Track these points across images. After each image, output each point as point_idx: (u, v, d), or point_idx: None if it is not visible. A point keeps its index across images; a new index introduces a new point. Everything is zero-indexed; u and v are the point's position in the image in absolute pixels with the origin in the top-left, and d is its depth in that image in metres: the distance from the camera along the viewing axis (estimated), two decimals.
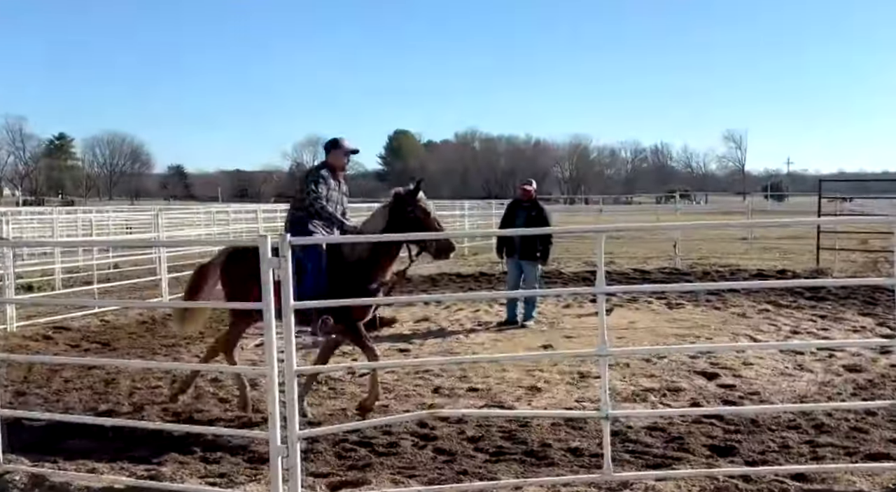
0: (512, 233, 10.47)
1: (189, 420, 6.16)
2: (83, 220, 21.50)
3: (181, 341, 9.51)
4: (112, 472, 4.74)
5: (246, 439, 5.43)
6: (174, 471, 4.66)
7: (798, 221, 17.64)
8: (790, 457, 4.95)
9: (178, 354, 8.86)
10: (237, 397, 6.53)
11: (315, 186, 6.50)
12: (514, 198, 11.38)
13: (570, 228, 9.23)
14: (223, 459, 5.23)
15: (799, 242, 19.87)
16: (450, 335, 9.79)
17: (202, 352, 8.93)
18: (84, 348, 9.18)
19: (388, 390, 7.03)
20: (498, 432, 5.70)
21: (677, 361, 7.77)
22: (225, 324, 8.18)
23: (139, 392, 7.04)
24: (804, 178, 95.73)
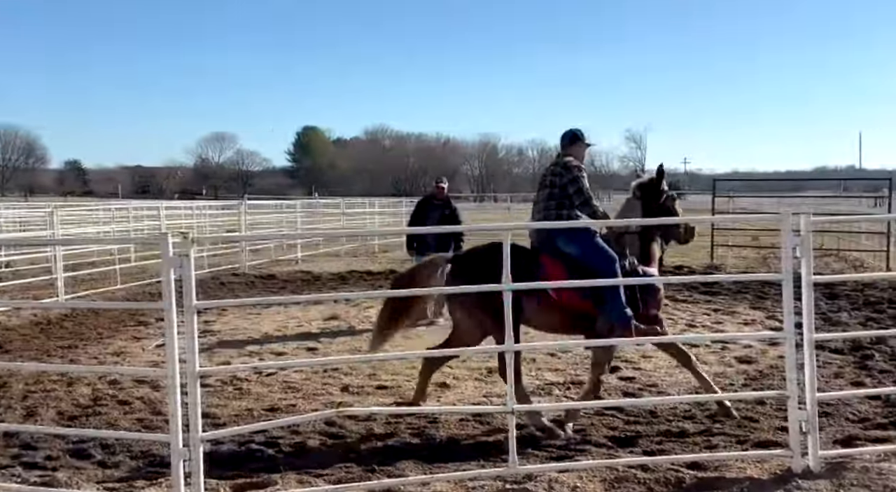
0: (428, 231, 10.41)
1: (87, 424, 5.93)
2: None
3: (77, 343, 9.15)
4: (2, 479, 4.53)
5: (146, 443, 5.28)
6: (69, 476, 4.50)
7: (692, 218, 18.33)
8: (686, 446, 5.16)
9: (75, 356, 8.51)
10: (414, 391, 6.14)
11: (587, 183, 6.19)
12: (425, 195, 11.36)
13: (478, 227, 9.30)
14: (122, 463, 5.07)
15: (695, 239, 20.68)
16: (360, 334, 9.76)
17: (101, 353, 8.64)
18: None
19: (296, 389, 6.96)
20: (407, 429, 5.73)
21: (581, 355, 7.98)
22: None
23: (33, 396, 6.73)
24: (699, 177, 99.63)
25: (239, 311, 11.14)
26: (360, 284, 15.05)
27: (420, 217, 10.66)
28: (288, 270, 17.10)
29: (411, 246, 10.82)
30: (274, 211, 26.39)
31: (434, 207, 10.69)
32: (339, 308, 11.38)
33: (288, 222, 24.04)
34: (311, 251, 20.75)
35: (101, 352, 8.72)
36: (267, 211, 26.00)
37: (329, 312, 11.11)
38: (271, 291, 14.13)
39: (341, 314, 10.94)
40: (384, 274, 16.07)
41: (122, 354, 8.59)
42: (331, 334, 9.70)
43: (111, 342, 9.22)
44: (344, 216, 22.85)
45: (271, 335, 9.63)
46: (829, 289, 11.86)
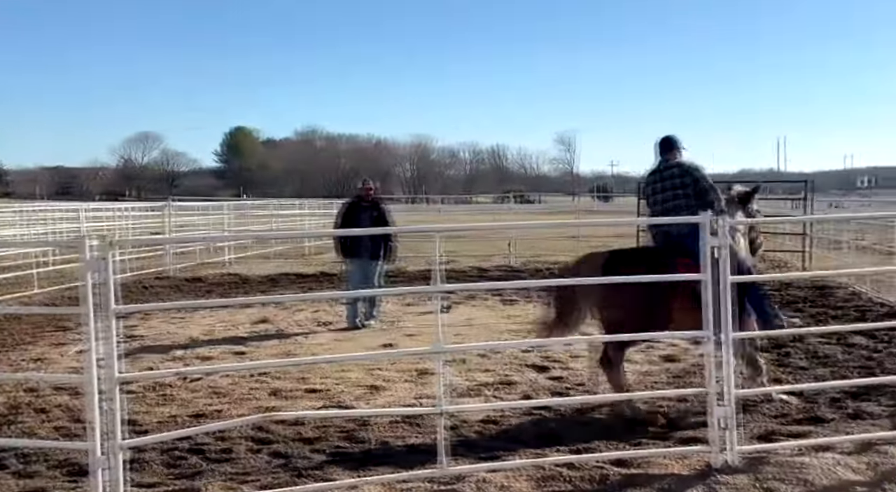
0: (361, 232, 10.31)
1: (3, 433, 5.70)
2: None
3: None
4: None
5: (64, 452, 5.10)
6: None
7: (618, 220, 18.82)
8: (612, 444, 5.26)
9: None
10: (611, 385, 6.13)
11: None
12: (352, 197, 11.13)
13: (409, 228, 9.31)
14: (40, 473, 4.89)
15: (623, 240, 21.12)
16: (289, 337, 9.64)
17: (19, 359, 8.31)
18: None
19: (223, 394, 6.83)
20: (336, 432, 5.69)
21: (511, 356, 8.05)
22: None
23: None
24: (627, 179, 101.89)
25: (164, 315, 10.87)
26: (291, 286, 14.86)
27: (350, 220, 10.40)
28: (216, 272, 16.77)
29: (343, 249, 10.59)
30: (201, 213, 25.85)
31: (363, 208, 10.55)
32: (269, 311, 11.21)
33: (216, 224, 23.57)
34: (241, 253, 20.40)
35: (20, 359, 8.40)
36: (194, 213, 25.46)
37: (258, 315, 10.94)
38: (198, 295, 13.84)
39: (271, 317, 10.78)
40: (316, 276, 15.92)
41: (42, 361, 8.29)
42: (260, 338, 9.56)
43: (30, 348, 8.89)
44: (274, 218, 22.53)
45: (198, 340, 9.43)
46: None
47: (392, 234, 10.52)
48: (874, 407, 5.79)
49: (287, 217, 26.61)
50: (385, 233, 10.24)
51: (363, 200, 10.64)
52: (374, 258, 10.37)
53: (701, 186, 6.46)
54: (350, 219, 10.42)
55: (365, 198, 10.65)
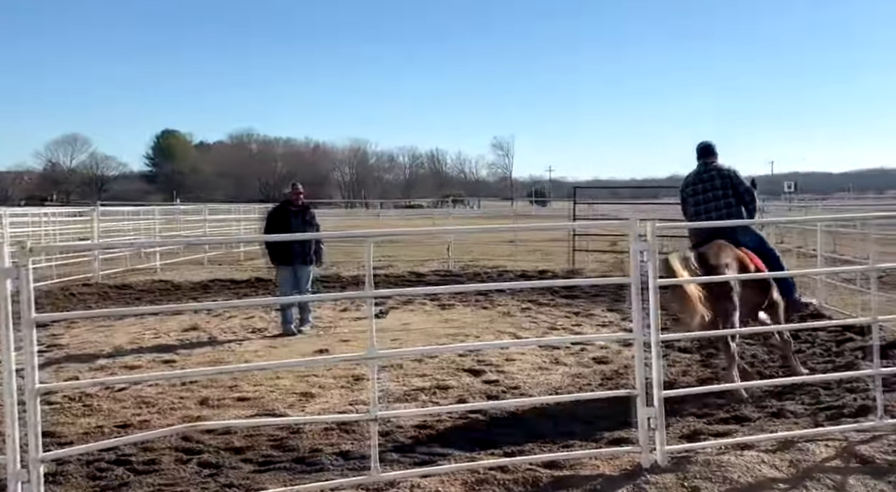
0: (291, 238, 10.19)
1: None
2: None
3: None
4: None
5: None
6: None
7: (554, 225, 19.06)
8: (544, 446, 5.30)
9: None
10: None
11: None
12: (280, 202, 10.95)
13: (341, 233, 9.26)
14: None
15: (559, 244, 21.41)
16: (221, 344, 9.46)
17: None
18: None
19: (150, 404, 6.67)
20: (267, 440, 5.60)
21: (447, 361, 8.07)
22: None
23: None
24: (563, 184, 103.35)
25: (90, 323, 10.55)
26: (224, 293, 14.60)
27: (281, 225, 10.24)
28: (145, 279, 16.35)
29: (274, 255, 10.39)
30: (131, 218, 25.22)
31: (292, 213, 10.43)
32: (200, 318, 10.99)
33: (146, 230, 23.01)
34: (172, 260, 19.95)
35: None
36: (123, 218, 24.82)
37: (189, 322, 10.71)
38: (126, 302, 13.48)
39: (202, 325, 10.58)
40: (249, 282, 15.67)
41: None
42: (190, 346, 9.36)
43: None
44: (207, 223, 22.07)
45: (124, 348, 9.19)
46: None
47: (320, 239, 10.44)
48: (796, 406, 5.97)
49: (220, 222, 26.14)
50: (314, 238, 10.18)
51: (292, 204, 10.53)
52: (304, 264, 10.28)
53: (740, 190, 7.22)
54: (279, 224, 10.29)
55: (294, 202, 10.54)
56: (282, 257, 10.26)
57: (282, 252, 10.22)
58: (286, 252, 10.17)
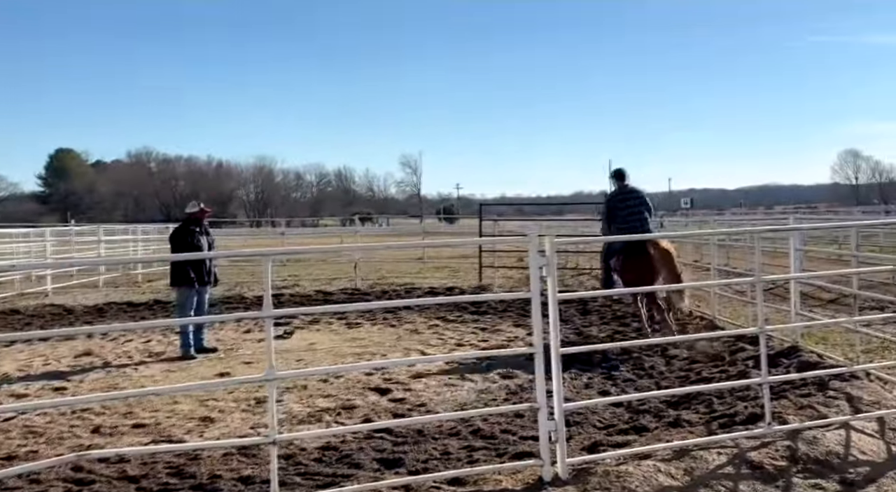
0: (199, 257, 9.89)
1: None
2: None
3: None
4: None
5: None
6: None
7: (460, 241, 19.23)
8: (450, 463, 5.30)
9: None
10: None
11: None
12: (183, 221, 10.37)
13: (237, 252, 9.06)
14: None
15: (467, 261, 21.57)
16: (116, 369, 9.08)
17: None
18: None
19: (39, 433, 6.33)
20: (164, 468, 5.39)
21: (353, 380, 7.98)
22: None
23: None
24: (471, 201, 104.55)
25: None
26: (120, 316, 14.03)
27: (190, 244, 9.88)
28: (35, 303, 15.56)
29: (179, 277, 9.98)
30: (21, 240, 24.02)
31: (201, 232, 10.17)
32: (94, 343, 10.53)
33: (37, 252, 21.92)
34: (64, 283, 19.07)
35: None
36: (13, 240, 23.62)
37: (82, 347, 10.24)
38: (15, 328, 12.76)
39: (95, 350, 10.13)
40: (147, 305, 15.12)
41: None
42: (83, 372, 8.94)
43: None
44: (102, 244, 21.21)
45: (11, 376, 8.69)
46: (582, 305, 12.83)
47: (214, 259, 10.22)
48: (692, 415, 6.17)
49: (117, 243, 25.18)
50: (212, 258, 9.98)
51: (198, 223, 10.22)
52: (205, 284, 10.02)
53: (648, 205, 10.06)
54: (190, 244, 9.92)
55: (200, 221, 10.25)
56: (187, 279, 9.90)
57: (187, 273, 9.88)
58: (195, 273, 9.86)
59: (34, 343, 10.51)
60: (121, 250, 24.97)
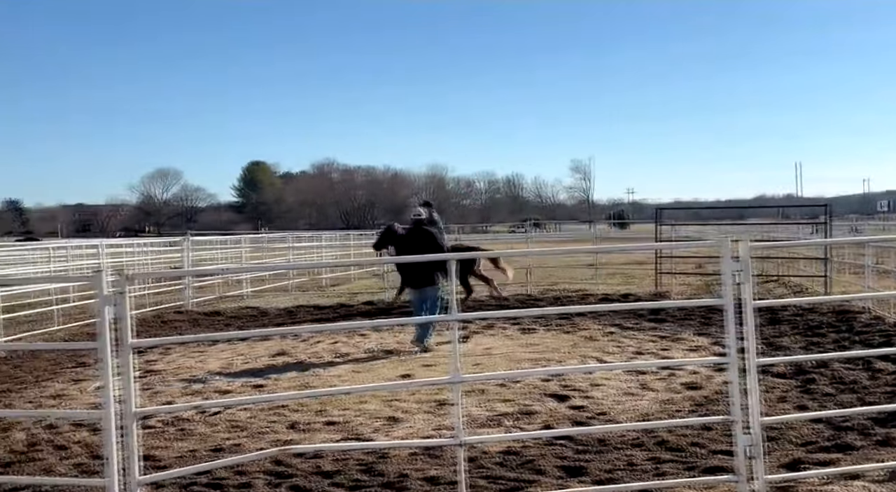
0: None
1: (21, 471, 5.68)
2: None
3: (13, 387, 8.82)
4: None
5: (82, 489, 5.08)
6: None
7: (638, 245, 18.73)
8: (635, 474, 5.16)
9: (10, 401, 8.19)
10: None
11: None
12: (414, 223, 11.22)
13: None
14: None
15: (641, 267, 21.01)
16: (307, 369, 9.61)
17: (38, 396, 8.33)
18: None
19: (241, 427, 6.80)
20: (356, 465, 5.63)
21: (531, 385, 7.98)
22: None
23: None
24: (643, 206, 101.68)
25: (183, 349, 10.89)
26: (309, 318, 14.85)
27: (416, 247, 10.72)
28: (234, 306, 16.80)
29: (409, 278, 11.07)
30: (220, 247, 26.03)
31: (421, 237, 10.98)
32: (287, 344, 11.20)
33: (234, 258, 23.71)
34: (259, 287, 20.47)
35: (39, 395, 8.41)
36: (213, 247, 25.62)
37: (277, 347, 10.92)
38: (217, 328, 13.84)
39: (289, 350, 10.77)
40: (333, 308, 15.91)
41: (61, 397, 8.29)
42: (278, 370, 9.53)
43: (49, 385, 8.90)
44: (292, 250, 22.61)
45: (217, 373, 9.41)
46: (771, 314, 12.10)
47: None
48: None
49: (304, 249, 26.71)
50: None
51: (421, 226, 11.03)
52: (425, 285, 10.71)
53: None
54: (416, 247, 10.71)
55: (422, 226, 11.04)
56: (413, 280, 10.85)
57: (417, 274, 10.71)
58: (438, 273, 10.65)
59: (234, 343, 11.34)
60: (307, 256, 26.46)
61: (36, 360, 10.31)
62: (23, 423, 6.93)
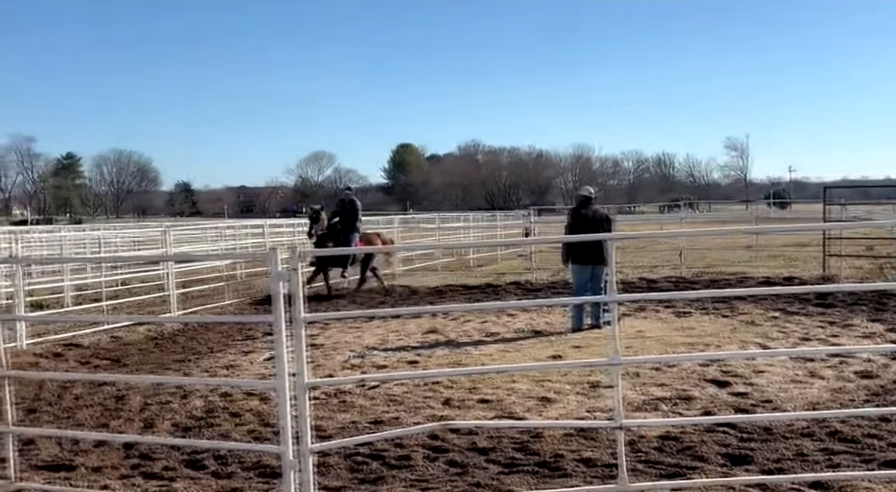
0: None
1: (201, 435, 6.13)
2: (91, 237, 21.58)
3: (190, 357, 9.51)
4: (124, 488, 4.73)
5: (257, 454, 5.42)
6: (186, 486, 4.65)
7: (806, 225, 17.65)
8: (806, 465, 4.91)
9: (188, 370, 8.86)
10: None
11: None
12: (579, 203, 11.20)
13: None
14: (235, 474, 5.21)
15: (804, 250, 19.83)
16: (458, 347, 9.77)
17: (212, 366, 8.96)
18: (94, 365, 9.17)
19: (398, 402, 7.01)
20: (510, 443, 5.67)
21: (688, 370, 7.73)
22: None
23: (150, 408, 7.03)
24: (806, 185, 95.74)
25: (340, 324, 11.35)
26: (457, 297, 15.08)
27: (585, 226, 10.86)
28: (387, 284, 17.31)
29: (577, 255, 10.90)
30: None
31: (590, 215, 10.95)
32: (438, 322, 11.43)
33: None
34: (408, 266, 20.99)
35: (213, 365, 9.03)
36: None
37: (428, 325, 11.17)
38: (370, 305, 14.33)
39: (440, 328, 10.98)
40: (480, 288, 16.06)
41: (232, 368, 8.87)
42: (430, 347, 9.75)
43: (222, 356, 9.54)
44: (439, 231, 23.03)
45: (373, 348, 9.75)
46: None
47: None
48: None
49: (451, 230, 27.12)
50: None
51: (587, 206, 10.99)
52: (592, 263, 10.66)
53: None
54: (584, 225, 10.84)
55: (590, 204, 11.04)
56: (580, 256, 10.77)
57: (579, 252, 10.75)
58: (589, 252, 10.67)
59: (387, 320, 11.71)
60: (453, 237, 26.86)
61: (209, 332, 11.07)
62: (200, 390, 7.47)
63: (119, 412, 6.92)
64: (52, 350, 9.79)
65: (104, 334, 10.88)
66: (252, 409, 6.89)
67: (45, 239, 22.41)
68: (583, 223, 10.69)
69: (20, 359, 9.21)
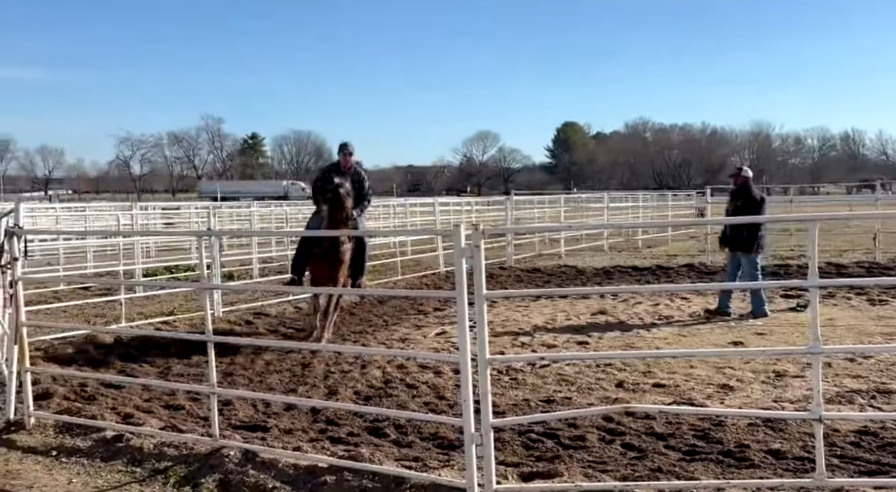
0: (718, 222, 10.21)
1: (381, 404, 6.37)
2: (277, 213, 22.98)
3: (367, 329, 9.90)
4: (314, 451, 4.99)
5: (434, 425, 5.56)
6: (371, 453, 4.83)
7: None
8: None
9: (365, 341, 9.23)
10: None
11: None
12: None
13: (780, 217, 8.64)
14: (414, 443, 5.37)
15: None
16: (629, 329, 9.55)
17: (387, 339, 9.29)
18: (282, 333, 9.76)
19: (570, 382, 6.96)
20: (689, 430, 5.48)
21: (886, 362, 7.16)
22: None
23: (332, 376, 7.39)
24: None
25: (509, 303, 11.41)
26: (626, 279, 14.75)
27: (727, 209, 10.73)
28: (552, 264, 17.23)
29: (723, 240, 10.60)
30: (538, 206, 26.82)
31: (732, 197, 10.54)
32: (607, 303, 11.23)
33: (551, 217, 24.26)
34: (574, 246, 20.76)
35: (388, 338, 9.36)
36: (530, 207, 26.49)
37: (597, 306, 11.01)
38: (536, 285, 14.32)
39: (609, 309, 10.79)
40: (651, 270, 15.62)
41: (406, 341, 9.16)
42: (600, 329, 9.60)
43: (396, 329, 9.87)
44: (607, 211, 22.59)
45: (541, 327, 9.74)
46: None
47: (755, 224, 9.97)
48: None
49: (618, 210, 26.53)
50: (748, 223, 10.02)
51: (735, 188, 10.55)
52: (738, 249, 10.23)
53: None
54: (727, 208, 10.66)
55: (735, 186, 10.56)
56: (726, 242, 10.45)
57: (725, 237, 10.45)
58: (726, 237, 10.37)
59: (555, 300, 11.64)
60: (620, 216, 26.26)
61: (383, 306, 11.48)
62: (377, 361, 7.76)
63: (305, 379, 7.32)
64: (244, 318, 10.50)
65: (289, 305, 11.55)
66: (427, 381, 7.07)
67: (236, 214, 24.12)
68: (732, 206, 10.38)
69: (217, 326, 9.95)
